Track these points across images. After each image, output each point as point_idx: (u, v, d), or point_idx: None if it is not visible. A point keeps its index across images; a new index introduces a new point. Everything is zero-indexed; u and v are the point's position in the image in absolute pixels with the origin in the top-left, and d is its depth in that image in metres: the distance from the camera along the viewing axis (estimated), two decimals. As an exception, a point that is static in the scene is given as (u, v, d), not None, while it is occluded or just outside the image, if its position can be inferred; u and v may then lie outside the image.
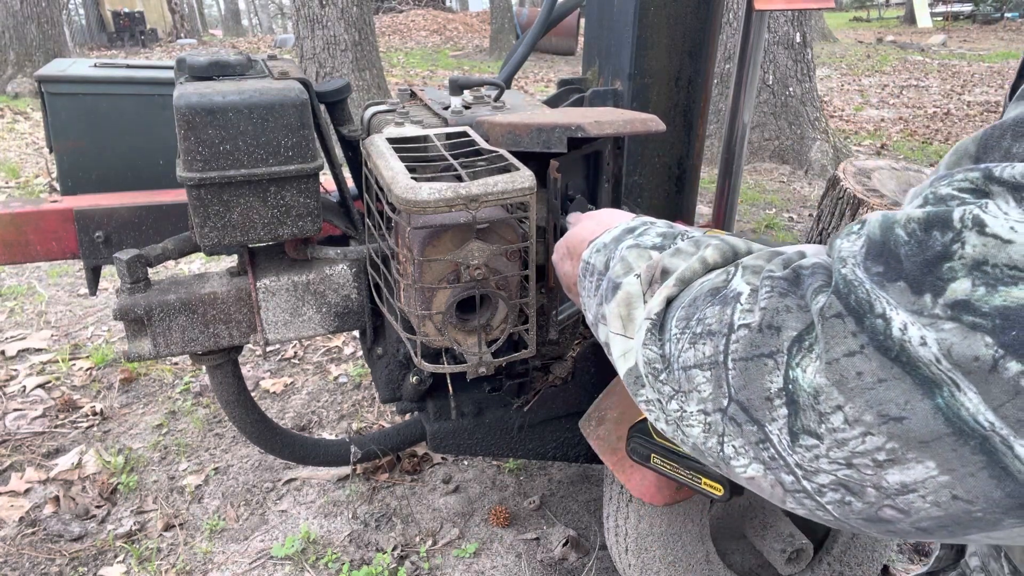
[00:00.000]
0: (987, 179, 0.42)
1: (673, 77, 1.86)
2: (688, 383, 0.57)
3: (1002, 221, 0.40)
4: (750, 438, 0.51)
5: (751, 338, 0.51)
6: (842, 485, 0.46)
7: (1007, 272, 0.39)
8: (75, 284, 3.55)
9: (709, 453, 0.57)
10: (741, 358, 0.51)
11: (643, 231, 0.76)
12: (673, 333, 0.59)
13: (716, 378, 0.53)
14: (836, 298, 0.45)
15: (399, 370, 1.58)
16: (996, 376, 0.38)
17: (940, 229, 0.42)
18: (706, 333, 0.55)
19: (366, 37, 6.31)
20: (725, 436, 0.54)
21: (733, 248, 0.65)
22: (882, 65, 11.77)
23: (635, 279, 0.69)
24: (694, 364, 0.56)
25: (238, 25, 27.11)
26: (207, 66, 1.32)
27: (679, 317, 0.59)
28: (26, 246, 1.58)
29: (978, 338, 0.39)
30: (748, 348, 0.51)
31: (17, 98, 8.57)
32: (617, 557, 1.56)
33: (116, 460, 2.23)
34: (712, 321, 0.55)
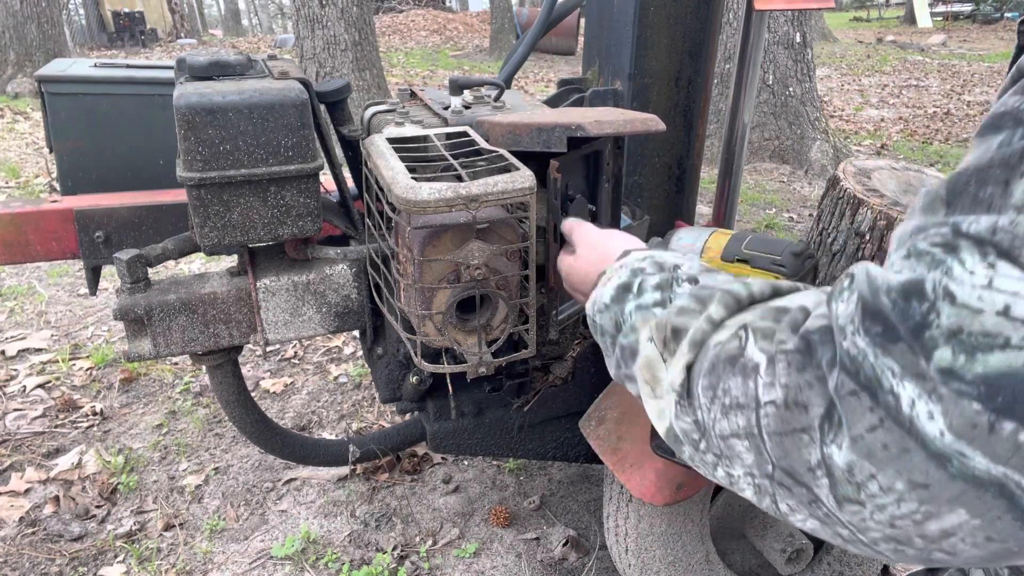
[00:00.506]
0: (955, 234, 0.44)
1: (673, 77, 1.86)
2: (729, 450, 0.59)
3: (969, 289, 0.42)
4: (802, 499, 0.54)
5: (780, 415, 0.52)
6: (892, 539, 0.49)
7: (982, 340, 0.41)
8: (75, 284, 3.55)
9: (766, 509, 0.59)
10: (775, 432, 0.53)
11: (640, 286, 0.77)
12: (702, 402, 0.61)
13: (756, 447, 0.55)
14: (846, 376, 0.47)
15: (399, 370, 1.58)
16: (996, 436, 0.41)
17: (917, 299, 0.45)
18: (735, 406, 0.57)
19: (366, 37, 6.31)
20: (777, 496, 0.56)
21: (735, 297, 0.65)
22: (882, 65, 11.76)
23: (649, 343, 0.70)
24: (731, 434, 0.58)
25: (238, 25, 27.11)
26: (207, 66, 1.32)
27: (704, 386, 0.61)
28: (26, 246, 1.58)
29: (970, 404, 0.41)
30: (779, 424, 0.52)
31: (17, 98, 8.57)
32: (617, 557, 1.56)
33: (116, 460, 2.23)
34: (738, 394, 0.57)
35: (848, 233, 1.78)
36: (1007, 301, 0.41)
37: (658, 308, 0.73)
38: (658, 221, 2.12)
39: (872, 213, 1.69)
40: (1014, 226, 0.42)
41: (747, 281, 0.67)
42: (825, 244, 1.88)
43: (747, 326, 0.59)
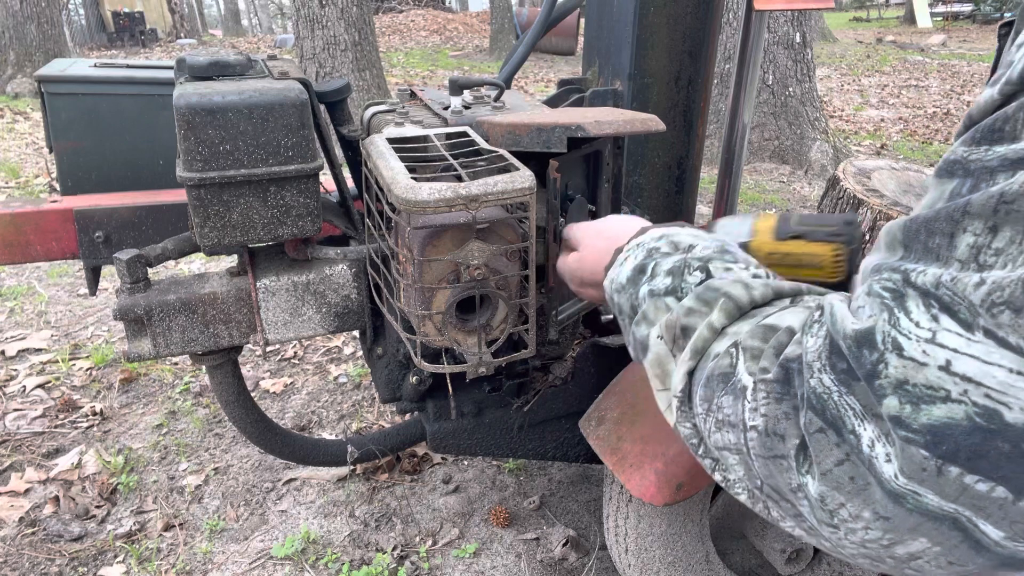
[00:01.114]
0: (905, 282, 0.47)
1: (673, 77, 1.86)
2: (724, 461, 0.63)
3: (915, 343, 0.45)
4: (787, 511, 0.57)
5: (762, 441, 0.56)
6: (866, 556, 0.53)
7: (926, 392, 0.44)
8: (75, 284, 3.55)
9: (759, 513, 0.62)
10: (759, 455, 0.57)
11: (653, 270, 0.79)
12: (699, 412, 0.65)
13: (745, 463, 0.60)
14: (814, 414, 0.50)
15: (399, 370, 1.58)
16: (944, 479, 0.44)
17: (868, 348, 0.48)
18: (727, 423, 0.60)
19: (366, 37, 6.31)
20: (767, 505, 0.60)
21: (736, 304, 0.68)
22: (882, 65, 11.76)
23: (659, 340, 0.74)
24: (723, 447, 0.62)
25: (238, 25, 27.11)
26: (207, 66, 1.32)
27: (701, 396, 0.65)
28: (26, 246, 1.58)
29: (918, 451, 0.45)
30: (762, 449, 0.56)
31: (17, 98, 8.57)
32: (617, 557, 1.56)
33: (116, 460, 2.23)
34: (729, 412, 0.60)
35: (848, 233, 1.78)
36: (948, 356, 0.44)
37: (669, 297, 0.75)
38: (658, 221, 2.12)
39: (872, 213, 1.69)
40: (954, 283, 0.44)
41: (749, 283, 0.69)
42: (825, 244, 1.88)
43: (739, 344, 0.62)
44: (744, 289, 0.68)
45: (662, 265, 0.79)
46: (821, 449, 0.50)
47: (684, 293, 0.74)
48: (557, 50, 2.22)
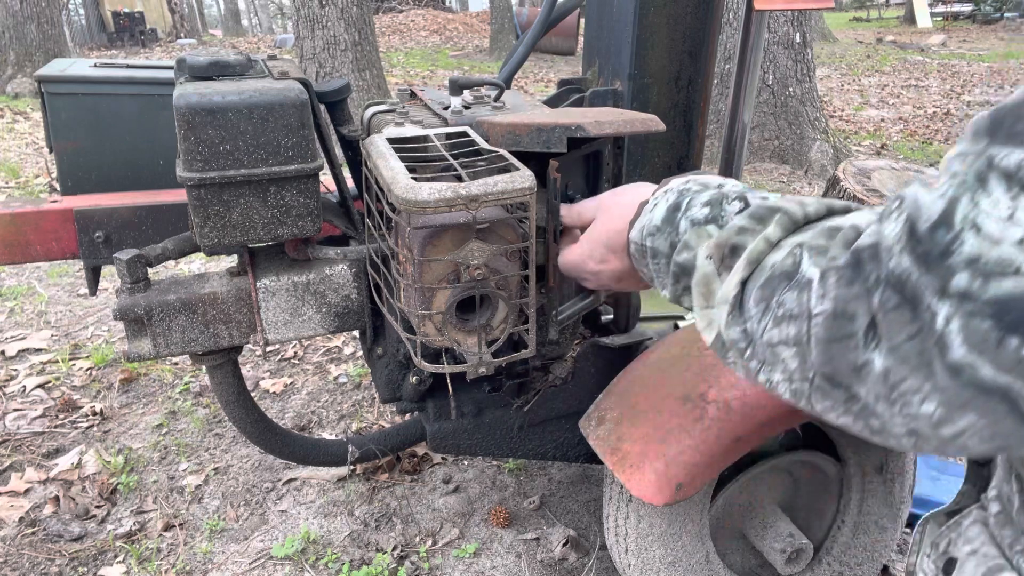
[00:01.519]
0: (988, 166, 0.49)
1: (673, 77, 1.86)
2: (773, 357, 0.65)
3: (992, 222, 0.47)
4: (837, 400, 0.60)
5: (829, 324, 0.58)
6: (913, 434, 0.56)
7: (997, 267, 0.47)
8: (75, 284, 3.55)
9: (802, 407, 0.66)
10: (823, 339, 0.59)
11: (689, 204, 0.82)
12: (753, 313, 0.67)
13: (801, 355, 0.62)
14: (892, 291, 0.53)
15: (399, 370, 1.58)
16: (1003, 349, 0.47)
17: (946, 228, 0.50)
18: (788, 316, 0.63)
19: (366, 37, 6.31)
20: (812, 398, 0.63)
21: (791, 218, 0.71)
22: (882, 65, 11.76)
23: (708, 260, 0.76)
24: (779, 342, 0.64)
25: (238, 25, 27.11)
26: (207, 66, 1.32)
27: (757, 298, 0.67)
28: (26, 246, 1.58)
29: (981, 323, 0.47)
30: (828, 332, 0.59)
31: (17, 98, 8.57)
32: (617, 557, 1.56)
33: (116, 460, 2.23)
34: (792, 306, 0.63)
35: (848, 233, 1.78)
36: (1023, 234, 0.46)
37: (711, 225, 0.78)
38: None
39: (872, 213, 1.69)
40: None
41: (803, 201, 0.72)
42: (825, 244, 1.88)
43: (802, 244, 0.65)
44: (799, 205, 0.71)
45: (698, 199, 0.82)
46: (893, 325, 0.53)
47: (725, 221, 0.77)
48: (557, 50, 2.22)
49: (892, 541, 1.67)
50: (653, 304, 1.83)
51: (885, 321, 0.53)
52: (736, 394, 1.31)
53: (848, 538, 1.64)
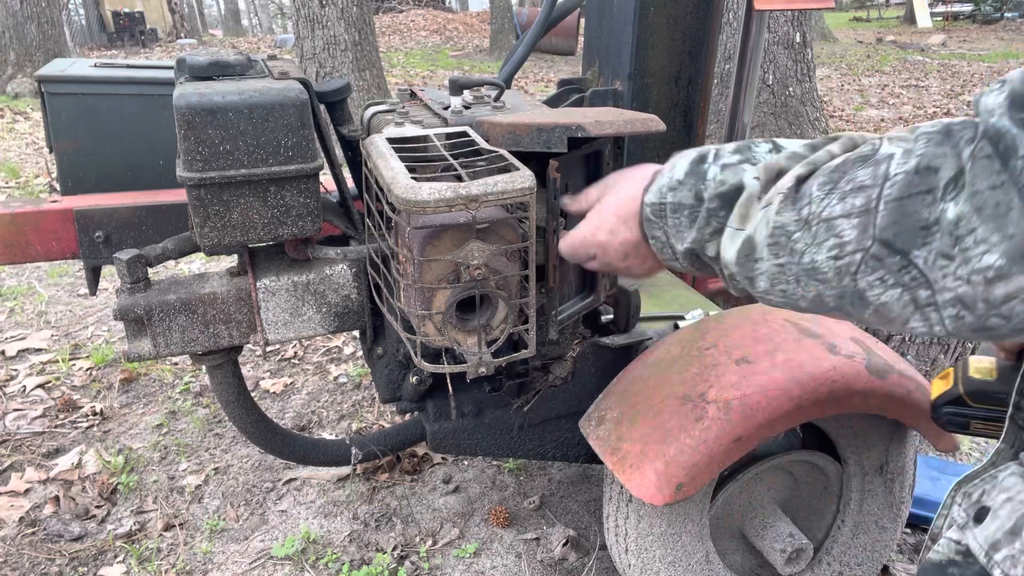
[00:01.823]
0: None
1: (673, 77, 1.86)
2: (826, 233, 0.66)
3: None
4: (891, 268, 0.62)
5: (908, 180, 0.60)
6: (959, 300, 0.58)
7: None
8: (75, 284, 3.55)
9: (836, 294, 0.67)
10: (896, 198, 0.61)
11: (717, 154, 0.83)
12: (815, 196, 0.68)
13: (863, 224, 0.63)
14: (987, 142, 0.55)
15: (399, 370, 1.58)
16: None
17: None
18: (858, 188, 0.65)
19: (366, 37, 6.31)
20: (859, 273, 0.64)
21: (853, 141, 0.73)
22: (882, 65, 11.76)
23: (754, 180, 0.77)
24: (840, 215, 0.65)
25: (238, 25, 27.11)
26: (207, 66, 1.32)
27: (822, 183, 0.69)
28: (26, 246, 1.58)
29: None
30: (905, 189, 0.61)
31: (17, 98, 8.57)
32: (617, 557, 1.56)
33: (116, 460, 2.23)
34: (865, 178, 0.64)
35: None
36: None
37: (744, 164, 0.79)
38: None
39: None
40: None
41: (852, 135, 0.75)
42: (825, 244, 1.88)
43: (883, 138, 0.67)
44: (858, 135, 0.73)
45: (724, 149, 0.83)
46: (980, 174, 0.55)
47: (757, 160, 0.79)
48: (557, 50, 2.22)
49: (892, 541, 1.67)
50: (653, 304, 1.83)
51: (973, 169, 0.56)
52: (736, 394, 1.31)
53: (848, 538, 1.64)
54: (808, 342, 1.39)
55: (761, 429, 1.30)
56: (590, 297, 1.41)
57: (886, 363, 1.39)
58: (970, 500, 0.74)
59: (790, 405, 1.30)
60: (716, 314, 1.59)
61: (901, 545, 1.94)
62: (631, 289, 1.54)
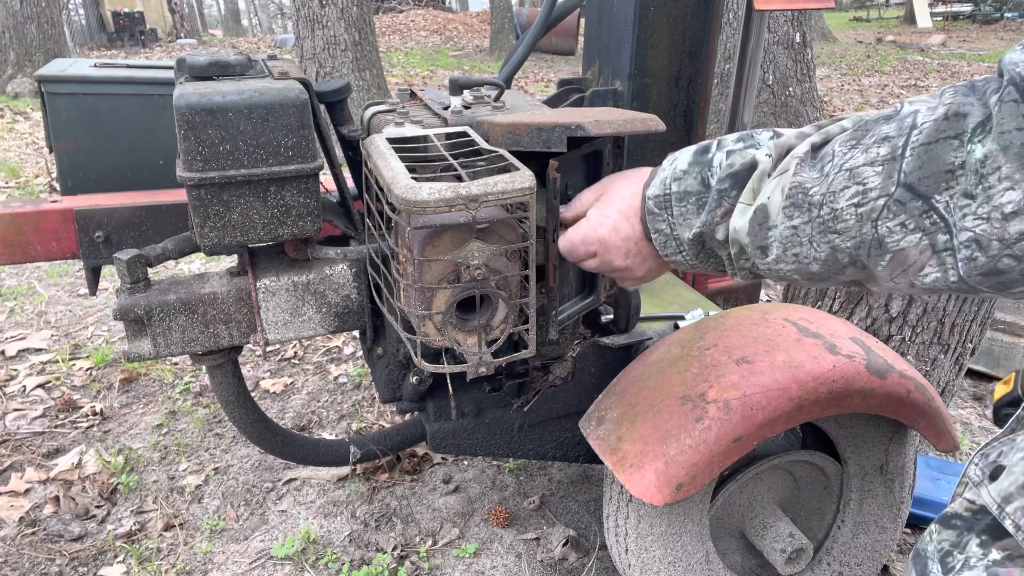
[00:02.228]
0: None
1: (673, 77, 1.86)
2: (848, 181, 0.68)
3: None
4: (913, 212, 0.63)
5: (936, 126, 0.62)
6: (975, 241, 0.60)
7: None
8: (75, 284, 3.55)
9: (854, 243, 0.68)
10: (923, 144, 0.63)
11: (720, 143, 0.85)
12: (837, 151, 0.70)
13: (888, 171, 0.65)
14: (1013, 88, 0.58)
15: (399, 370, 1.58)
16: None
17: None
18: (882, 139, 0.66)
19: (366, 37, 6.31)
20: (881, 219, 0.66)
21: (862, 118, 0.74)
22: (882, 65, 11.76)
23: (766, 157, 0.78)
24: (864, 163, 0.67)
25: (238, 25, 27.11)
26: (207, 66, 1.32)
27: (844, 140, 0.70)
28: (26, 246, 1.58)
29: None
30: (932, 134, 0.62)
31: (17, 98, 8.57)
32: (617, 557, 1.56)
33: (116, 460, 2.23)
34: (890, 130, 0.66)
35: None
36: None
37: (748, 149, 0.81)
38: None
39: (872, 213, 1.69)
40: None
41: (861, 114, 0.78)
42: (825, 244, 1.88)
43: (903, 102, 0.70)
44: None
45: (727, 138, 0.84)
46: (1007, 116, 0.58)
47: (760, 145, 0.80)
48: (557, 50, 2.23)
49: (892, 541, 1.67)
50: (653, 304, 1.83)
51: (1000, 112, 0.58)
52: (736, 394, 1.31)
53: (848, 538, 1.64)
54: (808, 342, 1.39)
55: (761, 429, 1.30)
56: (590, 297, 1.41)
57: (886, 363, 1.39)
58: (987, 460, 0.75)
59: (790, 405, 1.30)
60: (716, 314, 1.59)
61: (901, 545, 1.94)
62: (631, 289, 1.54)
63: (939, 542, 0.76)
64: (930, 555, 0.76)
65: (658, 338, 1.59)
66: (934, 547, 0.76)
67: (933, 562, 0.75)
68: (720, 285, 2.17)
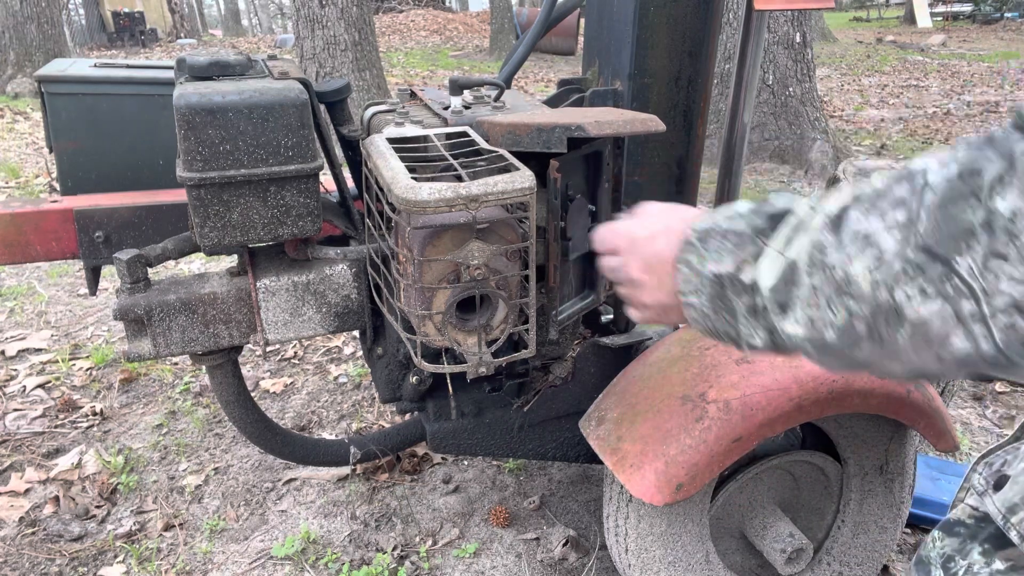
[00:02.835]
0: None
1: (673, 77, 1.86)
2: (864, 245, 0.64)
3: None
4: (932, 277, 0.59)
5: (951, 185, 0.59)
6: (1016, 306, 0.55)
7: None
8: (75, 284, 3.55)
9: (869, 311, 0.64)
10: (938, 205, 0.59)
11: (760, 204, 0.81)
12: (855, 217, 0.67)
13: (904, 236, 0.61)
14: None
15: (399, 370, 1.58)
16: None
17: None
18: (897, 203, 0.63)
19: (366, 37, 6.31)
20: (897, 283, 0.61)
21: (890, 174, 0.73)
22: (882, 65, 11.76)
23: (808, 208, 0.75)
24: (880, 228, 0.63)
25: (238, 25, 27.11)
26: (207, 66, 1.32)
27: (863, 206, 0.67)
28: (26, 246, 1.58)
29: None
30: (947, 193, 0.59)
31: (17, 98, 8.57)
32: (617, 557, 1.56)
33: (116, 460, 2.23)
34: (904, 192, 0.63)
35: (848, 233, 1.78)
36: None
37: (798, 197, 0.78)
38: (658, 221, 2.12)
39: (872, 213, 1.69)
40: None
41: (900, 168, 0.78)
42: (825, 244, 1.88)
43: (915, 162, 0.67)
44: None
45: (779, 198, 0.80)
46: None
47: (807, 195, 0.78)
48: (557, 50, 2.23)
49: (892, 541, 1.67)
50: (653, 304, 1.82)
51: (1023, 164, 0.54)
52: (736, 394, 1.31)
53: (848, 538, 1.64)
54: (808, 342, 1.39)
55: (761, 429, 1.30)
56: (590, 297, 1.41)
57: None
58: (991, 469, 0.75)
59: (790, 405, 1.30)
60: (716, 314, 1.59)
61: (901, 545, 1.94)
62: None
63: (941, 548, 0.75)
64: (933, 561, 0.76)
65: (658, 338, 1.59)
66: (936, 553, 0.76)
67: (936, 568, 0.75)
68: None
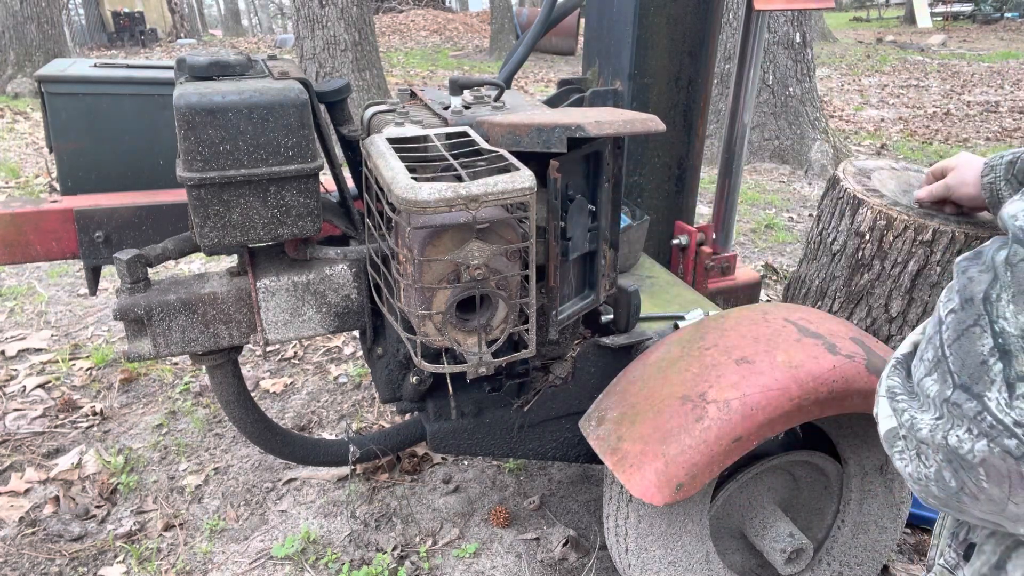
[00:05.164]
0: None
1: (673, 77, 1.86)
2: (923, 394, 0.64)
3: None
4: (971, 415, 0.57)
5: (957, 318, 0.59)
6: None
7: None
8: (75, 284, 3.55)
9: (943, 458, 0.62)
10: (953, 340, 0.59)
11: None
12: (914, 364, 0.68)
13: (941, 375, 0.61)
14: (1019, 246, 0.54)
15: (399, 370, 1.58)
16: None
17: None
18: (927, 342, 0.64)
19: (366, 37, 6.31)
20: (951, 429, 0.60)
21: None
22: (882, 65, 11.76)
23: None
24: (925, 374, 0.63)
25: (238, 25, 27.10)
26: (207, 66, 1.32)
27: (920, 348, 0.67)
28: (26, 246, 1.58)
29: None
30: (956, 327, 0.59)
31: (17, 98, 8.56)
32: (617, 557, 1.56)
33: (116, 460, 2.23)
34: (931, 330, 0.64)
35: (848, 233, 1.78)
36: None
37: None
38: (658, 221, 2.12)
39: (872, 213, 1.69)
40: None
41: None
42: (825, 244, 1.88)
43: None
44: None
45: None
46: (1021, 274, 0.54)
47: None
48: (557, 50, 2.22)
49: (892, 541, 1.67)
50: (653, 304, 1.83)
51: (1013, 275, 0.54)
52: (736, 394, 1.31)
53: (848, 538, 1.64)
54: (808, 342, 1.39)
55: (761, 429, 1.30)
56: (590, 297, 1.41)
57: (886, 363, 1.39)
58: (958, 540, 0.75)
59: (790, 405, 1.30)
60: (716, 314, 1.59)
61: (901, 545, 1.94)
62: (631, 289, 1.54)
63: None
64: None
65: (658, 338, 1.59)
66: None
67: None
68: (720, 285, 2.17)
